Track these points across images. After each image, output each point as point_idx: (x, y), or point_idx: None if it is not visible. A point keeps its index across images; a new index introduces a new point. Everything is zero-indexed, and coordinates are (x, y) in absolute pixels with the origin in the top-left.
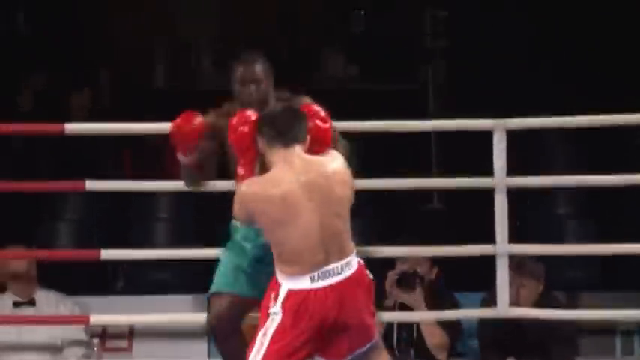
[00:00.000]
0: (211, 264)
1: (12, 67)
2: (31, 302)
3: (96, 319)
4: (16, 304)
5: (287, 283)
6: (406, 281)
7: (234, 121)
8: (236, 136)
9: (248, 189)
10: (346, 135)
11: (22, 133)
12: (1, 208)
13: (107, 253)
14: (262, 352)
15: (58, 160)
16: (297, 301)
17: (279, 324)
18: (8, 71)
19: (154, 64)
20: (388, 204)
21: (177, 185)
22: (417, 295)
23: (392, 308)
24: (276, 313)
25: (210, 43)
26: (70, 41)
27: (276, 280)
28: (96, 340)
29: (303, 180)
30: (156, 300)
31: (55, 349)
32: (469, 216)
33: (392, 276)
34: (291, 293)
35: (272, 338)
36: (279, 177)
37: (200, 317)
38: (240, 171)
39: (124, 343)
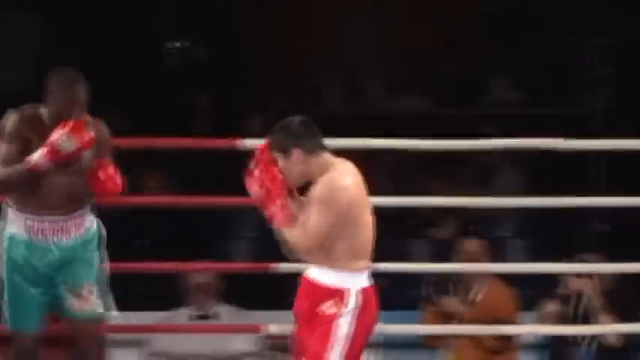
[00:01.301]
0: None
1: (186, 90)
2: (211, 316)
3: (271, 329)
4: (197, 317)
5: (352, 282)
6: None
7: (256, 170)
8: (272, 179)
9: (343, 188)
10: (515, 153)
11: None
12: (189, 225)
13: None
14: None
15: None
16: (365, 298)
17: (353, 324)
18: (183, 94)
19: (324, 89)
20: (556, 224)
21: None
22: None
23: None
24: (348, 313)
25: (379, 68)
26: (243, 66)
27: (328, 285)
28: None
29: (355, 179)
30: None
31: (231, 359)
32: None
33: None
34: (359, 291)
35: (350, 340)
36: (345, 174)
37: None
38: (280, 207)
39: None
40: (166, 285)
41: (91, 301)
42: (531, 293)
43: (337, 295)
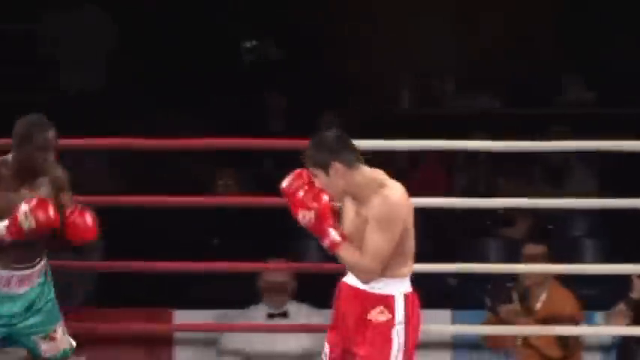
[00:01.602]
0: None
1: (261, 89)
2: (284, 314)
3: None
4: (270, 316)
5: (398, 288)
6: None
7: (299, 193)
8: (319, 200)
9: (399, 202)
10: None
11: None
12: (263, 224)
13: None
14: None
15: None
16: (411, 303)
17: (407, 331)
18: (258, 93)
19: (397, 89)
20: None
21: None
22: None
23: None
24: (400, 323)
25: (451, 68)
26: (314, 65)
27: (375, 292)
28: None
29: (402, 189)
30: None
31: (303, 357)
32: None
33: None
34: (406, 296)
35: (405, 347)
36: (394, 188)
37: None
38: (334, 233)
39: None
40: (240, 282)
41: (64, 339)
42: (602, 294)
43: (385, 301)
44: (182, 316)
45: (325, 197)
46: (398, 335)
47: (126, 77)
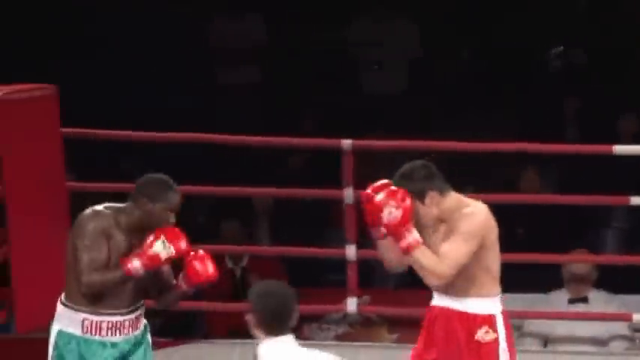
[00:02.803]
0: None
1: (565, 93)
2: (584, 300)
3: (638, 317)
4: (571, 301)
5: (497, 307)
6: None
7: (379, 196)
8: (407, 204)
9: (483, 219)
10: None
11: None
12: (563, 215)
13: None
14: None
15: (606, 178)
16: (507, 321)
17: (510, 350)
18: (562, 98)
19: None
20: None
21: None
22: None
23: None
24: (504, 341)
25: None
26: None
27: (478, 312)
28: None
29: (486, 208)
30: None
31: (601, 342)
32: None
33: None
34: (503, 314)
35: None
36: (480, 205)
37: None
38: (416, 233)
39: None
40: (542, 268)
41: None
42: None
43: (489, 321)
44: None
45: (408, 199)
46: (504, 353)
47: (426, 81)
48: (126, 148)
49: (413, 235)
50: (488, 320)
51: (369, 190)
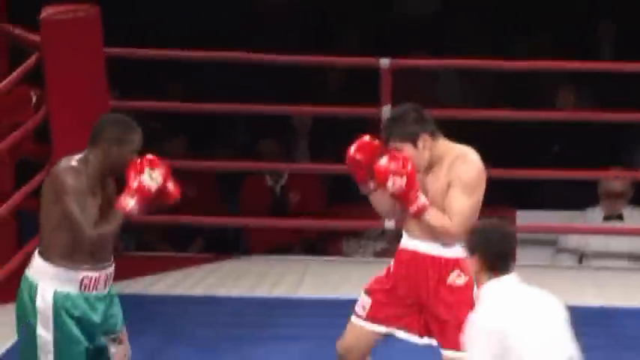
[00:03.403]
0: None
1: (594, 16)
2: (619, 217)
3: None
4: (606, 218)
5: (462, 251)
6: None
7: (385, 161)
8: (410, 170)
9: (480, 165)
10: None
11: None
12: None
13: None
14: None
15: None
16: None
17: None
18: (592, 21)
19: None
20: None
21: None
22: None
23: None
24: (471, 280)
25: None
26: None
27: (451, 256)
28: None
29: None
30: None
31: (636, 257)
32: None
33: None
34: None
35: None
36: (473, 151)
37: None
38: (423, 197)
39: None
40: (579, 186)
41: (127, 344)
42: None
43: (459, 264)
44: (524, 217)
45: (410, 163)
46: (474, 295)
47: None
48: (168, 68)
49: (420, 200)
50: (458, 263)
51: (352, 150)
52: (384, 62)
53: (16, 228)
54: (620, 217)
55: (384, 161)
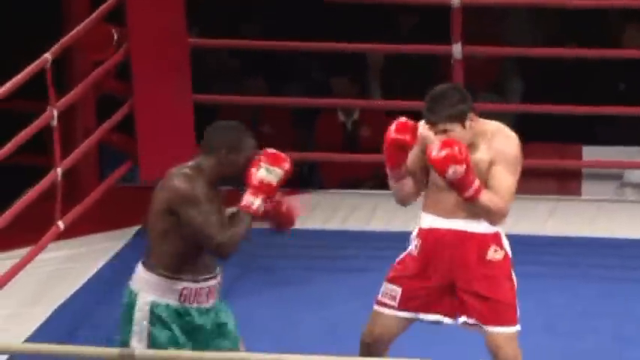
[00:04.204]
0: None
1: None
2: None
3: None
4: None
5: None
6: None
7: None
8: (467, 155)
9: (518, 141)
10: None
11: None
12: None
13: None
14: None
15: None
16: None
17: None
18: None
19: None
20: None
21: None
22: None
23: None
24: (508, 253)
25: None
26: None
27: (487, 232)
28: None
29: None
30: None
31: None
32: None
33: None
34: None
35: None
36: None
37: None
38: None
39: None
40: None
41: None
42: None
43: (496, 239)
44: (590, 153)
45: (465, 148)
46: (513, 269)
47: None
48: (245, 7)
49: (475, 183)
50: (496, 238)
51: (392, 131)
52: (455, 0)
53: (98, 162)
54: None
55: (440, 149)
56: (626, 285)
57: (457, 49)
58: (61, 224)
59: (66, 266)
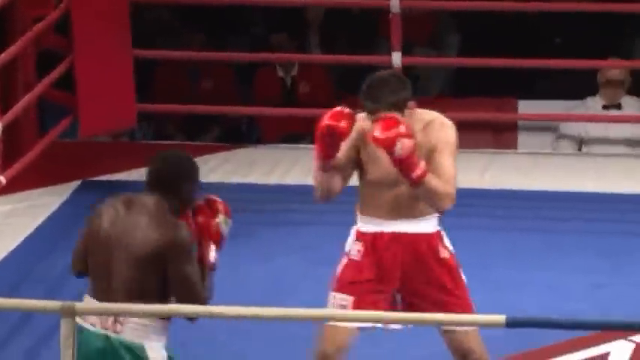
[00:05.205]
0: None
1: None
2: (618, 106)
3: None
4: (605, 107)
5: (436, 224)
6: None
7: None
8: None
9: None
10: None
11: None
12: (600, 24)
13: None
14: None
15: None
16: None
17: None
18: None
19: None
20: None
21: None
22: None
23: None
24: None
25: None
26: None
27: (432, 232)
28: None
29: None
30: None
31: (633, 143)
32: None
33: None
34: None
35: None
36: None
37: None
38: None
39: None
40: (578, 77)
41: None
42: None
43: (440, 237)
44: (526, 106)
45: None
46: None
47: None
48: None
49: (421, 164)
50: (440, 236)
51: (327, 119)
52: None
53: (38, 117)
54: (618, 107)
55: (384, 125)
56: (563, 237)
57: (395, 3)
58: (2, 179)
59: (6, 221)
